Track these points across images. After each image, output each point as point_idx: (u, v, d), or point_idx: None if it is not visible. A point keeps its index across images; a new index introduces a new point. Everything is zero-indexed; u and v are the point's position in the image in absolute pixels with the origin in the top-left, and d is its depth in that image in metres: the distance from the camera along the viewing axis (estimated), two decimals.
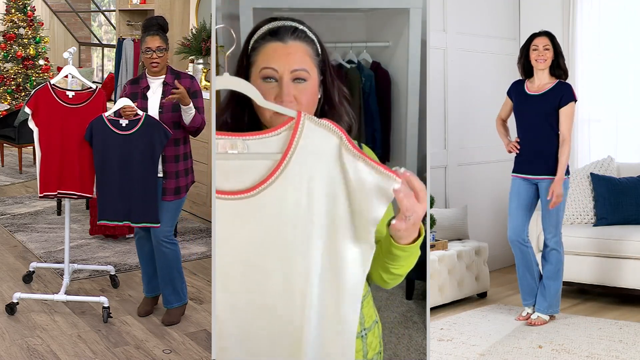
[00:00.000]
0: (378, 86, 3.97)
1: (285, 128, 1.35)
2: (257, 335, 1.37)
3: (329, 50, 1.58)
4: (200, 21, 6.84)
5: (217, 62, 3.84)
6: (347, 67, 3.60)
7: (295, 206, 1.32)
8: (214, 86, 1.49)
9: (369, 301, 1.59)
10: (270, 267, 1.34)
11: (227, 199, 1.33)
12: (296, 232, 1.32)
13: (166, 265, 3.92)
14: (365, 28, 4.12)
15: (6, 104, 8.88)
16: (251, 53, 1.55)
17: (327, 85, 1.57)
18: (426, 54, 3.23)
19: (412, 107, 3.80)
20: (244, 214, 1.33)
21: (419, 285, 4.17)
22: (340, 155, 1.33)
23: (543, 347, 3.89)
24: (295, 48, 1.51)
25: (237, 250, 1.35)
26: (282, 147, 1.34)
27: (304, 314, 1.32)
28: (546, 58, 4.21)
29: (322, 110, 1.58)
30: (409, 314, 3.90)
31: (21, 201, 6.79)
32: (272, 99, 1.46)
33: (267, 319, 1.35)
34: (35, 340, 3.74)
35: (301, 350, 1.33)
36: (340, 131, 1.36)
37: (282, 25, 1.54)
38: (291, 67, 1.49)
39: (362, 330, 1.53)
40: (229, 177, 1.34)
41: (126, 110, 3.72)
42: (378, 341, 1.61)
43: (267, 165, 1.32)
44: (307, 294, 1.32)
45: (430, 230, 4.24)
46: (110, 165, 3.76)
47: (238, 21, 3.67)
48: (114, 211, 3.79)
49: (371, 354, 1.56)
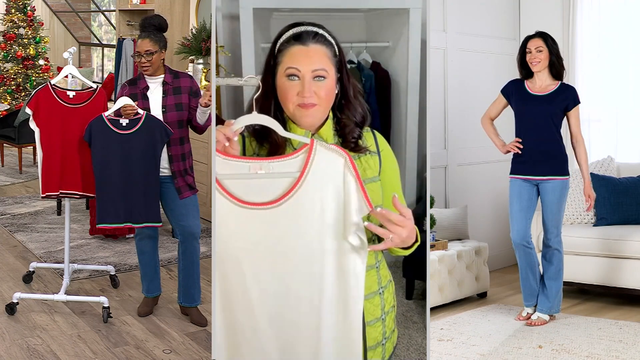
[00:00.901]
0: (378, 86, 3.97)
1: (301, 152, 1.69)
2: (281, 315, 1.72)
3: (345, 50, 1.81)
4: (200, 21, 6.83)
5: (217, 62, 3.85)
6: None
7: (311, 212, 1.67)
8: (214, 86, 1.54)
9: (384, 265, 1.92)
10: (293, 260, 1.68)
11: (257, 209, 1.68)
12: (312, 232, 1.67)
13: (195, 263, 3.93)
14: (365, 28, 4.13)
15: (6, 104, 8.88)
16: (277, 54, 1.79)
17: (344, 82, 1.82)
18: (426, 54, 3.23)
19: (412, 107, 3.79)
20: (271, 221, 1.67)
21: (419, 285, 4.17)
22: (344, 173, 1.68)
23: (543, 347, 3.89)
24: (315, 50, 1.75)
25: (266, 247, 1.68)
26: (300, 167, 1.68)
27: (322, 288, 1.70)
28: (540, 60, 4.20)
29: (339, 104, 1.83)
30: (409, 314, 3.90)
31: (21, 201, 6.79)
32: (295, 95, 1.74)
33: (293, 299, 1.71)
34: (35, 340, 3.74)
35: (321, 319, 1.71)
36: (345, 153, 1.69)
37: (304, 30, 1.77)
38: (312, 67, 1.74)
39: (379, 287, 1.87)
40: (257, 192, 1.68)
41: (127, 109, 3.72)
42: (392, 297, 1.95)
43: (288, 181, 1.68)
44: (324, 274, 1.70)
45: (430, 230, 4.25)
46: (111, 166, 3.75)
47: (238, 21, 3.68)
48: (115, 213, 3.77)
49: (387, 307, 1.91)
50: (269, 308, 1.71)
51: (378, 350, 1.88)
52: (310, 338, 1.72)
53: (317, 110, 1.77)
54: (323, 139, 1.80)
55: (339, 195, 1.68)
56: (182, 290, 4.00)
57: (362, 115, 1.85)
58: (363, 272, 1.71)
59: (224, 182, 1.68)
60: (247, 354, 1.74)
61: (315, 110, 1.76)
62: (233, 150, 1.72)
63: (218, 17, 3.82)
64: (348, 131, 1.83)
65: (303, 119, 1.77)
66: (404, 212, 1.67)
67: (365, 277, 1.76)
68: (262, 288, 1.70)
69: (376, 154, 1.88)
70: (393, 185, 1.90)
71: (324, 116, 1.81)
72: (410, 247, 1.78)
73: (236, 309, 1.72)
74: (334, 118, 1.84)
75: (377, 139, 1.91)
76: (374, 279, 1.86)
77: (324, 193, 1.67)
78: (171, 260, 5.03)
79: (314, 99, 1.74)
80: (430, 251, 4.64)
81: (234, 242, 1.69)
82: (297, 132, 1.79)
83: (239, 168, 1.68)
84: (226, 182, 1.68)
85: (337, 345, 1.72)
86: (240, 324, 1.73)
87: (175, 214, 3.88)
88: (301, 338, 1.72)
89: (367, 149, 1.86)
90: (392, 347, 1.96)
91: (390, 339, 1.94)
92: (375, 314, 1.86)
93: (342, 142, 1.83)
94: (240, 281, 1.70)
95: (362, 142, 1.85)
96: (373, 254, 1.85)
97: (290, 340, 1.72)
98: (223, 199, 1.68)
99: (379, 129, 3.25)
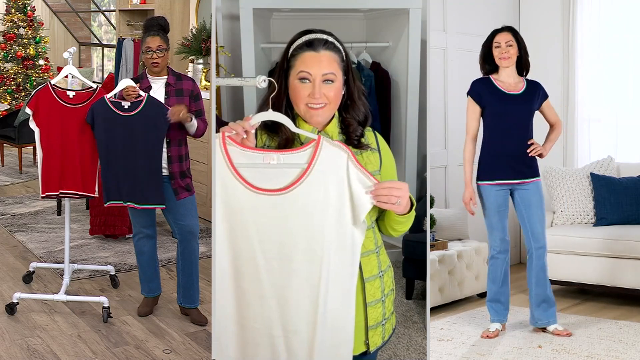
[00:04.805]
0: (378, 86, 3.97)
1: (309, 146, 1.89)
2: (283, 286, 1.90)
3: (350, 55, 2.02)
4: (200, 21, 6.83)
5: (217, 62, 3.85)
6: None
7: (315, 198, 1.87)
8: (214, 86, 1.57)
9: (383, 250, 2.10)
10: (299, 240, 1.88)
11: (269, 195, 1.88)
12: (316, 216, 1.88)
13: (194, 263, 3.94)
14: (365, 28, 4.13)
15: (6, 104, 8.88)
16: (290, 59, 1.97)
17: (349, 84, 2.00)
18: (426, 54, 3.23)
19: (412, 107, 3.79)
20: (281, 205, 1.88)
21: (419, 285, 4.17)
22: (347, 166, 1.88)
23: (543, 347, 3.89)
24: (325, 56, 1.94)
25: (273, 224, 1.89)
26: (308, 159, 1.88)
27: (322, 265, 1.89)
28: (510, 55, 3.98)
29: (344, 104, 2.01)
30: (409, 314, 3.90)
31: (21, 201, 6.79)
32: (306, 96, 1.94)
33: (296, 273, 1.90)
34: (35, 340, 3.74)
35: (318, 296, 1.89)
36: (348, 149, 1.88)
37: (315, 38, 1.96)
38: (322, 72, 1.93)
39: (380, 271, 2.05)
40: (269, 180, 1.88)
41: (128, 91, 3.72)
42: (392, 281, 2.13)
43: (297, 171, 1.88)
44: (324, 256, 1.89)
45: (430, 230, 4.25)
46: (113, 148, 3.76)
47: (238, 21, 3.68)
48: (118, 192, 3.79)
49: (387, 290, 2.08)
50: (273, 277, 1.90)
51: (378, 329, 2.05)
52: (309, 306, 1.90)
53: (326, 110, 1.96)
54: (329, 136, 1.98)
55: (340, 186, 1.87)
56: (181, 290, 4.00)
57: (364, 114, 2.03)
58: (359, 251, 1.92)
59: (240, 170, 1.89)
60: (251, 318, 1.92)
61: (324, 111, 1.96)
62: (249, 143, 1.91)
63: (218, 17, 3.82)
64: (352, 129, 2.01)
65: (313, 118, 1.96)
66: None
67: (366, 261, 2.00)
68: (268, 258, 1.89)
69: (377, 151, 2.05)
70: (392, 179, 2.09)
71: (330, 115, 1.99)
72: (409, 213, 1.97)
73: (244, 277, 1.92)
74: (339, 117, 2.03)
75: (378, 138, 2.08)
76: (374, 263, 2.03)
77: (328, 183, 1.87)
78: (171, 260, 5.02)
79: (323, 100, 1.94)
80: (430, 251, 4.66)
81: (245, 219, 1.89)
82: (306, 129, 1.97)
83: (254, 158, 1.89)
84: (242, 170, 1.89)
85: (332, 316, 1.91)
86: (247, 291, 1.92)
87: (174, 213, 3.89)
88: (301, 306, 1.90)
89: (369, 146, 2.03)
90: (391, 328, 2.13)
91: (390, 320, 2.11)
92: (376, 296, 2.03)
93: (346, 139, 2.01)
94: (249, 249, 1.89)
95: (364, 139, 2.03)
96: (373, 240, 2.03)
97: (290, 310, 1.91)
98: (238, 184, 1.89)
99: (379, 129, 3.27)
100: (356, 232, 1.90)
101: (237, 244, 1.91)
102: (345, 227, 1.89)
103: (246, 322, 1.93)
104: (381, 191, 1.86)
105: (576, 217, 5.04)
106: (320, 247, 1.88)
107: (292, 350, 1.92)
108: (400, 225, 2.01)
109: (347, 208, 1.88)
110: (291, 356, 1.93)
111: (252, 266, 1.90)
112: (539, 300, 4.10)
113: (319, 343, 1.91)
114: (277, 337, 1.92)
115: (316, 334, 1.90)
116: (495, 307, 4.14)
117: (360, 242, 1.91)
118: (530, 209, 4.04)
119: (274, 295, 1.91)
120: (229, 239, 1.91)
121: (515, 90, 4.04)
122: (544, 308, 4.10)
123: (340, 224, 1.89)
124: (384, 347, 2.12)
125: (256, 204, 1.88)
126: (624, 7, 5.40)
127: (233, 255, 1.92)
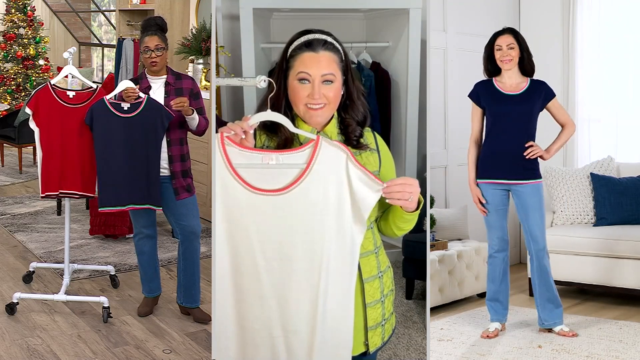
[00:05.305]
0: (378, 86, 3.97)
1: (308, 147, 1.87)
2: (283, 284, 1.90)
3: (350, 55, 2.01)
4: (200, 21, 6.83)
5: (217, 62, 3.85)
6: None
7: (315, 198, 1.86)
8: (214, 86, 1.57)
9: (382, 251, 2.10)
10: (298, 240, 1.87)
11: (268, 195, 1.87)
12: (316, 216, 1.87)
13: (196, 263, 3.94)
14: (365, 28, 4.13)
15: (6, 104, 8.88)
16: (289, 59, 1.96)
17: (348, 84, 2.00)
18: (426, 54, 3.23)
19: (412, 107, 3.79)
20: (280, 205, 1.87)
21: (419, 285, 4.17)
22: (347, 165, 1.87)
23: (543, 347, 3.89)
24: (325, 57, 1.93)
25: (273, 224, 1.88)
26: (307, 159, 1.87)
27: (322, 265, 1.89)
28: (512, 57, 3.98)
29: (344, 104, 2.00)
30: (409, 314, 3.90)
31: (21, 201, 6.79)
32: (306, 96, 1.93)
33: (295, 273, 1.89)
34: (35, 340, 3.74)
35: (317, 296, 1.89)
36: (347, 149, 1.87)
37: (315, 38, 1.95)
38: (321, 72, 1.92)
39: (379, 272, 2.04)
40: (268, 180, 1.87)
41: (128, 92, 3.73)
42: (391, 281, 2.12)
43: (295, 172, 1.87)
44: (323, 255, 1.89)
45: (430, 230, 4.25)
46: (112, 149, 3.76)
47: (238, 21, 3.68)
48: (117, 196, 3.78)
49: (386, 290, 2.07)
50: (273, 277, 1.90)
51: (378, 330, 2.05)
52: (309, 306, 1.90)
53: (325, 110, 1.95)
54: (328, 136, 1.97)
55: (340, 186, 1.87)
56: (182, 290, 4.00)
57: (363, 115, 2.02)
58: (358, 251, 1.92)
59: (239, 170, 1.88)
60: (251, 318, 1.92)
61: (323, 111, 1.95)
62: (248, 143, 1.90)
63: (218, 17, 3.82)
64: (351, 130, 2.00)
65: (312, 118, 1.96)
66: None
67: (365, 262, 2.00)
68: (267, 257, 1.89)
69: (376, 152, 2.05)
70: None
71: (330, 115, 1.99)
72: (417, 209, 1.96)
73: (244, 277, 1.91)
74: (338, 117, 2.02)
75: (377, 139, 2.07)
76: (374, 263, 2.03)
77: (327, 183, 1.87)
78: (171, 260, 5.03)
79: (323, 101, 1.93)
80: (430, 251, 4.66)
81: (245, 219, 1.88)
82: (305, 129, 1.97)
83: (253, 158, 1.89)
84: (240, 171, 1.88)
85: (331, 316, 1.92)
86: (247, 291, 1.91)
87: (175, 213, 3.89)
88: (301, 306, 1.90)
89: (368, 147, 2.02)
90: (390, 329, 2.12)
91: (389, 321, 2.11)
92: (375, 297, 2.03)
93: (345, 139, 2.00)
94: (249, 249, 1.89)
95: (363, 140, 2.02)
96: (372, 241, 2.03)
97: (290, 309, 1.91)
98: (237, 184, 1.88)
99: (379, 129, 3.27)
100: (355, 232, 1.89)
101: (237, 244, 1.90)
102: (345, 227, 1.88)
103: (246, 322, 1.93)
104: (395, 187, 1.85)
105: (576, 217, 5.04)
106: (319, 247, 1.88)
107: (291, 350, 1.92)
108: (407, 224, 1.99)
109: (346, 208, 1.87)
110: (291, 356, 1.92)
111: (252, 266, 1.90)
112: (544, 301, 4.09)
113: (318, 343, 1.91)
114: (277, 337, 1.91)
115: (316, 334, 1.90)
116: (494, 306, 4.14)
117: (359, 242, 1.91)
118: (527, 210, 4.03)
119: (273, 295, 1.90)
120: (229, 239, 1.91)
121: (515, 91, 4.04)
122: (550, 309, 4.09)
123: (339, 223, 1.88)
124: (383, 347, 2.11)
125: (255, 204, 1.87)
126: (624, 7, 5.40)
127: (233, 255, 1.91)
